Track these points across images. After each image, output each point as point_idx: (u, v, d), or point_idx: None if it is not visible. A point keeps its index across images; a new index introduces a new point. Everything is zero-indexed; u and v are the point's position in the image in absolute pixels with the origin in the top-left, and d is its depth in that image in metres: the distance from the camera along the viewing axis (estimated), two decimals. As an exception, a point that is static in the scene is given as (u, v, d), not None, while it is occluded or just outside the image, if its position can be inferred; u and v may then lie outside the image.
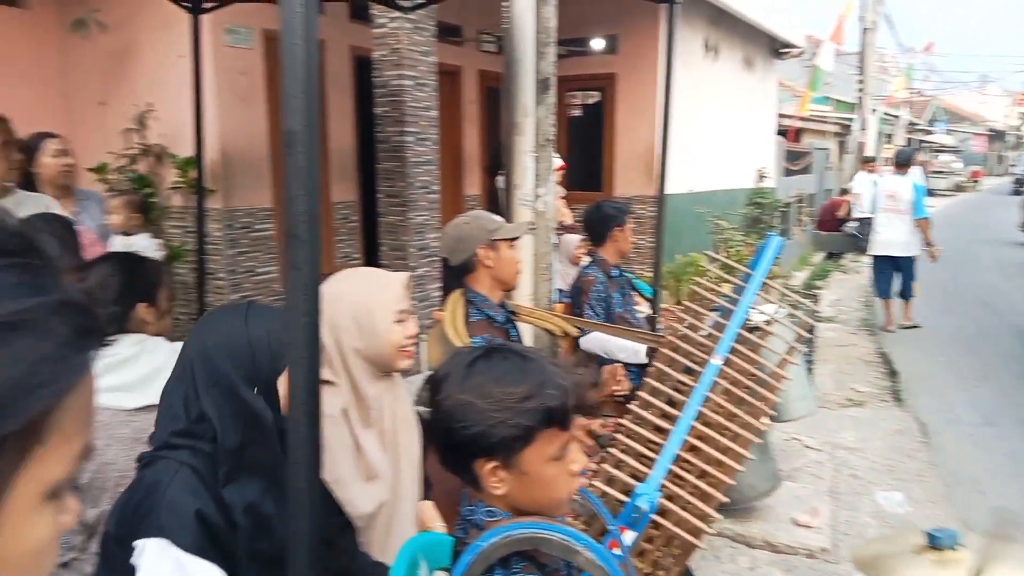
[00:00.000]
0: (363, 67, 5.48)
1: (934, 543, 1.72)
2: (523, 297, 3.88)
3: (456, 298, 2.54)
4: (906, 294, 7.99)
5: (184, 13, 3.96)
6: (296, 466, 1.14)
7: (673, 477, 2.08)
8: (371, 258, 5.16)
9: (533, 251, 3.92)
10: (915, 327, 7.94)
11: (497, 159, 6.23)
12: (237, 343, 1.36)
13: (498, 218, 2.74)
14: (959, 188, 34.59)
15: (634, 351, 3.51)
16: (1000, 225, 18.32)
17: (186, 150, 4.56)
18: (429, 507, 1.74)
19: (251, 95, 4.90)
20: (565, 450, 1.18)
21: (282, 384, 1.41)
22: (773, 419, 3.54)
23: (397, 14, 4.41)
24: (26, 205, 2.95)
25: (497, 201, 5.99)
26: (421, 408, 2.06)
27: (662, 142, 3.65)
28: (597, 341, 3.66)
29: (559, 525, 1.19)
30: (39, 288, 0.45)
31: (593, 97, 8.29)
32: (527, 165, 4.01)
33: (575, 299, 3.77)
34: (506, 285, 2.62)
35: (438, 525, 1.66)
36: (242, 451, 1.30)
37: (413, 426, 1.84)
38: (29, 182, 3.26)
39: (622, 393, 2.88)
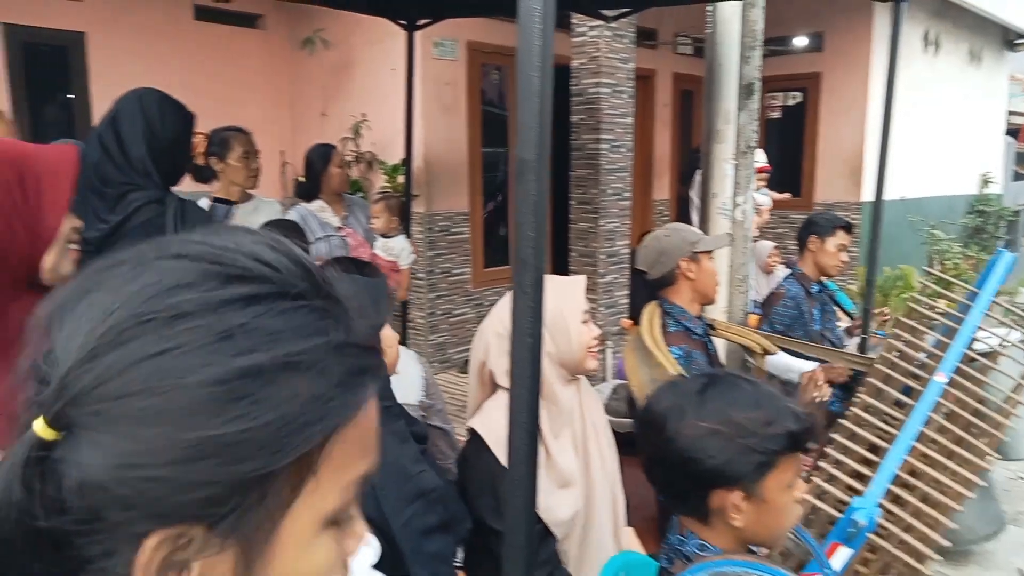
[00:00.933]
0: (559, 75, 5.57)
1: None
2: (717, 310, 3.78)
3: (653, 309, 2.53)
4: None
5: (398, 28, 4.24)
6: (514, 484, 1.19)
7: (891, 499, 1.96)
8: (559, 263, 5.26)
9: (729, 262, 3.80)
10: None
11: (691, 166, 6.10)
12: None
13: (698, 231, 2.70)
14: None
15: (788, 368, 3.32)
16: None
17: (393, 157, 4.88)
18: (631, 534, 1.74)
19: (454, 104, 5.15)
20: (797, 476, 1.15)
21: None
22: (999, 456, 3.21)
23: (598, 23, 4.44)
24: (261, 211, 3.30)
25: (687, 208, 5.88)
26: (612, 418, 2.07)
27: (881, 145, 3.39)
28: (776, 361, 3.48)
29: (769, 566, 1.15)
30: (321, 329, 0.47)
31: (795, 98, 7.89)
32: (727, 173, 3.90)
33: (765, 311, 3.61)
34: (706, 298, 2.58)
35: (640, 550, 1.66)
36: None
37: (605, 432, 1.86)
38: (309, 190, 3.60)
39: (823, 400, 2.75)
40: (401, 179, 4.65)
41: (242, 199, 3.23)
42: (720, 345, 3.71)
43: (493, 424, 1.64)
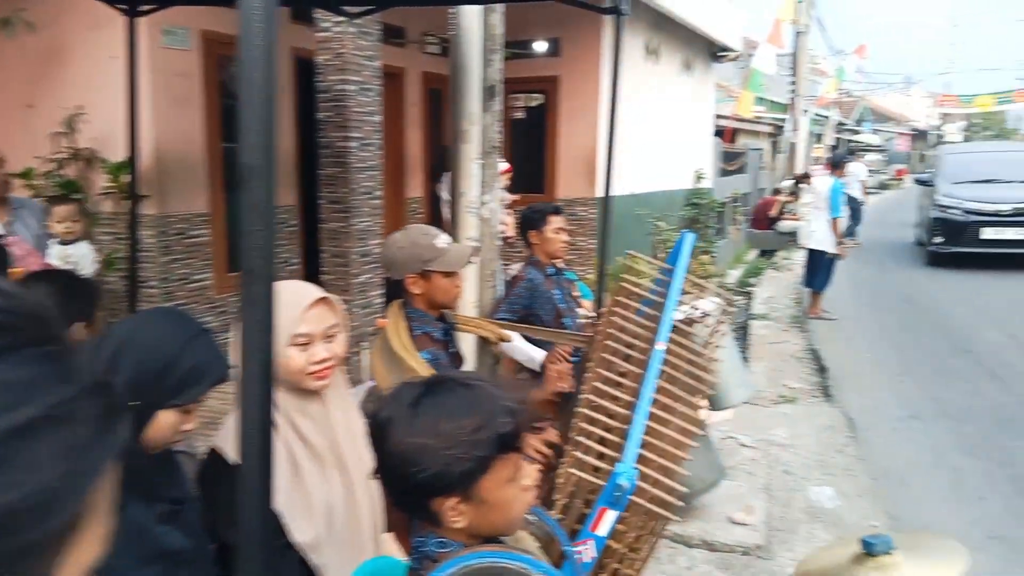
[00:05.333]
0: (305, 69, 5.41)
1: (869, 550, 1.81)
2: (468, 304, 3.91)
3: (396, 309, 2.53)
4: (818, 285, 8.45)
5: (117, 13, 3.86)
6: (249, 507, 1.15)
7: (638, 458, 2.15)
8: (311, 265, 5.11)
9: (478, 258, 3.95)
10: (831, 319, 8.43)
11: (441, 163, 6.23)
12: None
13: (441, 243, 2.60)
14: (885, 186, 36.01)
15: (530, 358, 3.57)
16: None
17: (118, 154, 4.44)
18: (390, 539, 1.75)
19: (188, 97, 4.79)
20: (518, 469, 1.20)
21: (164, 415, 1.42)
22: (714, 407, 3.68)
23: (341, 19, 4.38)
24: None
25: (439, 205, 6.00)
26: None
27: (608, 145, 3.73)
28: (513, 346, 3.68)
29: (515, 553, 1.21)
30: (64, 374, 0.44)
31: (536, 99, 8.36)
32: (473, 172, 4.03)
33: (505, 296, 3.80)
34: (440, 309, 2.58)
35: (398, 555, 1.67)
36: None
37: (363, 437, 1.84)
38: None
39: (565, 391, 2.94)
40: (126, 178, 4.24)
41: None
42: (471, 338, 3.85)
43: (235, 442, 1.57)
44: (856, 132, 36.63)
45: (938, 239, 11.71)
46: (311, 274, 5.24)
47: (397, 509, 1.22)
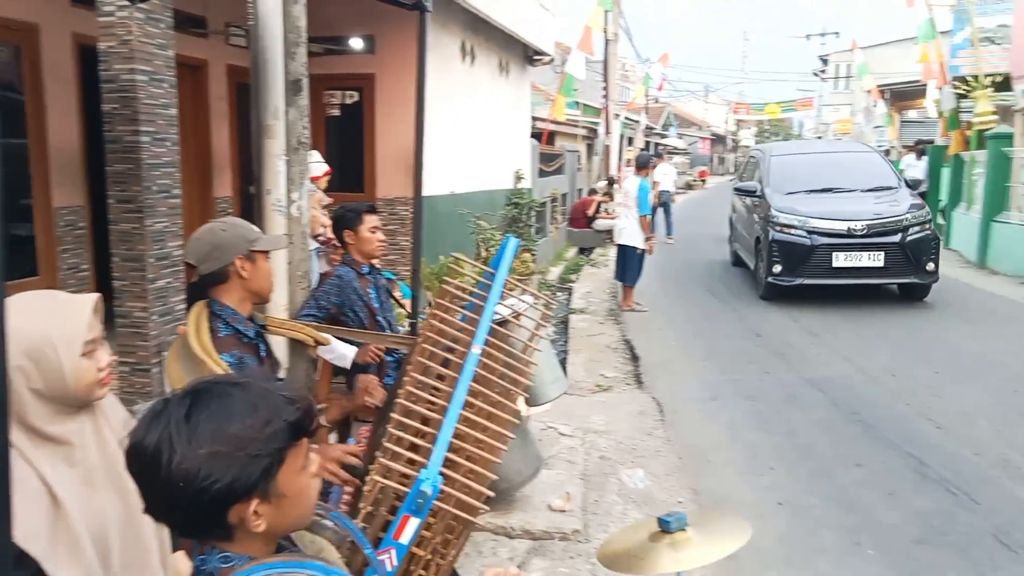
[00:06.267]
0: (90, 57, 4.95)
1: (664, 528, 1.93)
2: (279, 308, 3.74)
3: (200, 310, 2.37)
4: (630, 280, 8.95)
5: None
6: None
7: (447, 462, 2.15)
8: (102, 268, 4.68)
9: (288, 259, 3.78)
10: (643, 311, 8.99)
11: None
12: None
13: (256, 228, 2.61)
14: (690, 187, 38.93)
15: (342, 356, 3.53)
16: (722, 220, 20.80)
17: None
18: (181, 557, 1.61)
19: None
20: (307, 456, 1.17)
21: None
22: (530, 403, 3.77)
23: (125, 2, 4.02)
24: None
25: (252, 205, 5.71)
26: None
27: (416, 144, 3.70)
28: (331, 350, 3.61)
29: (307, 561, 1.16)
30: None
31: (353, 97, 8.19)
32: (279, 169, 3.86)
33: (313, 292, 3.71)
34: (260, 298, 2.50)
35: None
36: None
37: None
38: None
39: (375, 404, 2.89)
40: None
41: None
42: (282, 343, 3.69)
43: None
44: (664, 136, 39.25)
45: (778, 267, 8.88)
46: (102, 279, 4.79)
47: (183, 537, 1.13)
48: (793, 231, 8.87)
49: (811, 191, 9.58)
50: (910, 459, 4.61)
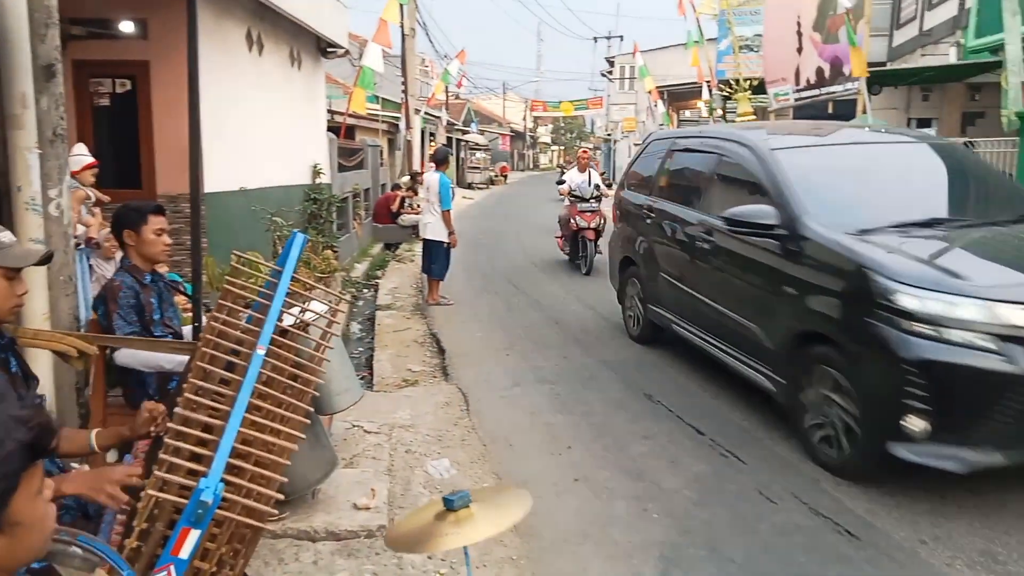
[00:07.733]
0: None
1: (449, 506, 1.97)
2: (38, 316, 3.38)
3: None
4: (437, 273, 9.06)
5: None
6: None
7: (231, 468, 2.05)
8: None
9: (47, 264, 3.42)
10: (448, 304, 9.09)
11: None
12: None
13: (4, 238, 2.33)
14: (492, 182, 39.93)
15: (180, 361, 3.32)
16: (525, 213, 21.56)
17: None
18: None
19: None
20: (41, 479, 1.08)
21: None
22: (320, 412, 3.69)
23: None
24: None
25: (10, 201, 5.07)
26: None
27: (191, 135, 3.48)
28: (134, 355, 3.37)
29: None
30: None
31: (125, 85, 7.52)
32: (31, 164, 3.48)
33: (103, 309, 3.41)
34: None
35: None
36: None
37: None
38: None
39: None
40: None
41: None
42: (47, 356, 3.33)
43: None
44: (465, 132, 39.88)
45: (922, 423, 3.67)
46: None
47: None
48: (967, 340, 3.63)
49: (902, 226, 4.48)
50: (688, 428, 5.05)
